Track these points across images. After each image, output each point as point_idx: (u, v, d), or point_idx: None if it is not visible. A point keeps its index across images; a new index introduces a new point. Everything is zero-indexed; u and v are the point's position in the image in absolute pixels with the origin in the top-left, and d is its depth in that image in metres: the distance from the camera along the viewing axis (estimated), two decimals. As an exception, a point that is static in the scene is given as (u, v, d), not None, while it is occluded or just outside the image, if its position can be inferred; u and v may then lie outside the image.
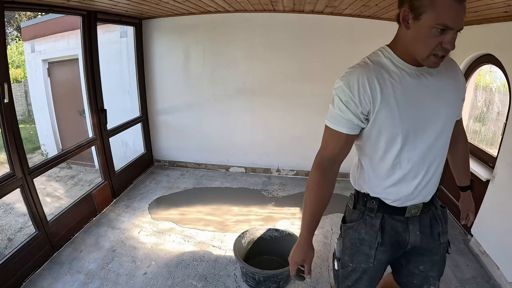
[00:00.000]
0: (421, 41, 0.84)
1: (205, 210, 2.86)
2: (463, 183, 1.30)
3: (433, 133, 0.94)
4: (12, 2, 1.85)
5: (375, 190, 1.02)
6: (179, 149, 3.79)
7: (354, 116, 0.91)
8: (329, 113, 0.96)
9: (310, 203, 1.00)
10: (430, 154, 0.97)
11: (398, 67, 0.92)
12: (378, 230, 1.03)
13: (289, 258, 1.03)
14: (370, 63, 0.93)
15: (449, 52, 0.87)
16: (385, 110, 0.89)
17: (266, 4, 2.74)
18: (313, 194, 1.00)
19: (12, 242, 2.98)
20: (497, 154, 2.21)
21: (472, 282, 2.02)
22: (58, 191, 4.07)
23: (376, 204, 1.03)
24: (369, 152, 1.01)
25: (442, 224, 1.09)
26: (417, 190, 0.99)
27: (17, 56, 8.32)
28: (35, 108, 5.15)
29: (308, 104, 3.36)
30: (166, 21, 3.28)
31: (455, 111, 0.99)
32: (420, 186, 0.99)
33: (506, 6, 1.76)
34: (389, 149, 0.95)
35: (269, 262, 2.12)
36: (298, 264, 1.02)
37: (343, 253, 1.10)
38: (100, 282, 1.97)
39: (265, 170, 3.69)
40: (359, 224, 1.06)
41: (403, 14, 0.85)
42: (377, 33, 3.02)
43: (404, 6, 0.84)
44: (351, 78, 0.90)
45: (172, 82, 3.51)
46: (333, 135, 0.96)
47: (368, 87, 0.88)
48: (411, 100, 0.90)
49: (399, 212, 1.02)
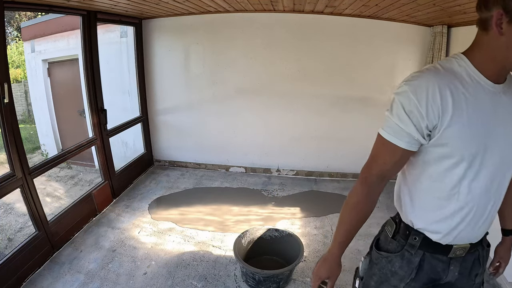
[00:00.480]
0: None
1: (205, 210, 2.86)
2: (508, 225, 1.13)
3: (502, 163, 0.81)
4: (12, 2, 1.85)
5: (420, 222, 0.89)
6: (179, 149, 3.79)
7: (416, 130, 0.77)
8: (387, 121, 0.81)
9: (349, 221, 0.94)
10: (493, 187, 0.82)
11: (473, 79, 0.77)
12: (414, 268, 0.90)
13: (313, 272, 0.98)
14: (442, 70, 0.78)
15: None
16: (455, 127, 0.75)
17: (266, 4, 2.74)
18: (354, 212, 0.93)
19: (12, 242, 2.98)
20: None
21: (472, 282, 2.02)
22: (58, 191, 4.07)
23: (419, 241, 0.89)
24: (422, 175, 0.85)
25: (484, 265, 0.96)
26: (469, 227, 0.85)
27: (17, 56, 8.32)
28: (35, 108, 5.15)
29: (308, 104, 3.36)
30: (166, 21, 3.28)
31: None
32: (472, 222, 0.84)
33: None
34: (448, 175, 0.80)
35: (269, 262, 2.12)
36: (322, 280, 0.97)
37: (368, 275, 1.01)
38: (100, 282, 1.97)
39: (265, 170, 3.69)
40: (395, 256, 0.93)
41: (497, 17, 0.71)
42: (377, 33, 3.03)
43: (496, 8, 0.71)
44: (419, 84, 0.75)
45: (172, 82, 3.51)
46: (387, 147, 0.82)
47: (439, 98, 0.74)
48: (485, 120, 0.76)
49: (442, 251, 0.88)
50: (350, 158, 3.48)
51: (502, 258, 1.13)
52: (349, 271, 2.12)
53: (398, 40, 3.05)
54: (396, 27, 2.98)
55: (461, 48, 0.87)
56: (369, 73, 3.20)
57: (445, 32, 2.71)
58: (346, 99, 3.31)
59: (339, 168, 3.57)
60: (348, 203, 0.93)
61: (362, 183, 0.89)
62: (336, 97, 3.25)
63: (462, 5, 1.94)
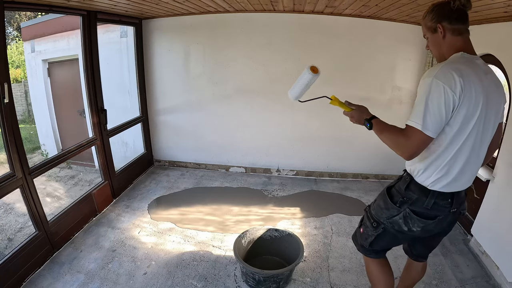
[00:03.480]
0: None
1: (205, 210, 2.86)
2: None
3: (492, 127, 1.17)
4: (12, 2, 1.85)
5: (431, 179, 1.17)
6: (179, 149, 3.79)
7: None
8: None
9: (386, 139, 1.20)
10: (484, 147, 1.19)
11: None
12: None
13: (356, 116, 1.38)
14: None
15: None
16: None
17: (266, 4, 2.74)
18: (392, 143, 1.18)
19: (12, 242, 2.98)
20: (497, 154, 2.21)
21: (472, 282, 2.02)
22: (58, 191, 4.07)
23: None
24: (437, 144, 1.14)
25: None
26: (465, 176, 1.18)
27: (17, 56, 8.33)
28: (35, 108, 5.16)
29: (308, 104, 3.34)
30: (166, 21, 3.28)
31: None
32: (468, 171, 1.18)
33: (506, 6, 1.76)
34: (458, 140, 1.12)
35: (269, 262, 2.12)
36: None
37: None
38: (100, 282, 1.97)
39: (265, 170, 3.69)
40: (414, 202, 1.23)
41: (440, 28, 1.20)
42: (377, 33, 3.03)
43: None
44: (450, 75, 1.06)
45: (172, 82, 3.51)
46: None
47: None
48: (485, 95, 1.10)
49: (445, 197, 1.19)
50: (350, 158, 3.49)
51: None
52: (349, 271, 2.12)
53: (398, 40, 3.05)
54: (396, 27, 2.98)
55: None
56: (369, 73, 3.20)
57: (445, 32, 2.71)
58: (346, 99, 3.30)
59: (339, 168, 3.57)
60: (397, 143, 1.14)
61: (407, 151, 1.13)
62: (336, 97, 3.25)
63: (462, 5, 1.94)
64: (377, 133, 1.23)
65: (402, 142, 1.11)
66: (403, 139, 1.10)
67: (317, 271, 2.10)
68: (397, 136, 1.14)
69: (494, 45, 2.25)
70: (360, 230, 1.45)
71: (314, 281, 2.02)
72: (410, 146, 1.09)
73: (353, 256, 2.26)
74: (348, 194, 3.21)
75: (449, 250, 2.33)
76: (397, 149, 1.13)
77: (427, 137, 1.06)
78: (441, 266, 2.16)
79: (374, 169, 3.55)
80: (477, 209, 2.31)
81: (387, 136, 1.18)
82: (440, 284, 2.00)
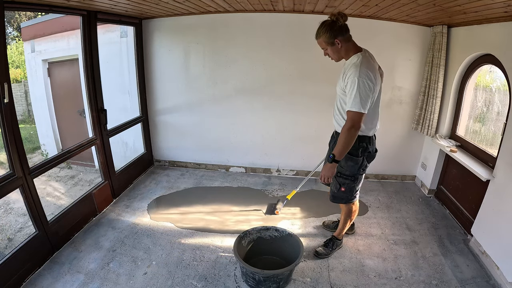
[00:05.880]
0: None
1: (205, 210, 2.86)
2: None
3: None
4: (12, 2, 1.85)
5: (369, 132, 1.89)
6: (179, 149, 3.79)
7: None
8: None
9: (349, 145, 1.73)
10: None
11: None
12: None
13: (323, 175, 1.82)
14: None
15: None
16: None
17: (266, 4, 2.74)
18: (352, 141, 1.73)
19: (12, 242, 2.98)
20: (497, 154, 2.21)
21: (472, 282, 2.02)
22: (58, 191, 4.07)
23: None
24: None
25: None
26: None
27: (17, 56, 8.32)
28: (35, 108, 5.15)
29: (308, 104, 3.36)
30: (166, 21, 3.28)
31: None
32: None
33: (506, 6, 1.76)
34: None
35: (269, 262, 2.12)
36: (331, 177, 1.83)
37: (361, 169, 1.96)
38: (100, 282, 1.97)
39: (265, 170, 3.69)
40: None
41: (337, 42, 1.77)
42: (377, 33, 3.03)
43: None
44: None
45: (172, 82, 3.51)
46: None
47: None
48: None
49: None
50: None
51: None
52: (349, 271, 2.12)
53: (398, 40, 3.04)
54: (396, 27, 2.98)
55: (460, 48, 0.89)
56: (369, 73, 3.19)
57: (445, 32, 2.71)
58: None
59: (339, 168, 3.56)
60: (352, 137, 1.70)
61: (355, 129, 1.69)
62: (335, 97, 3.24)
63: (462, 5, 1.94)
64: (343, 151, 1.74)
65: (352, 131, 1.67)
66: (352, 129, 1.67)
67: (317, 271, 2.10)
68: (348, 134, 1.68)
69: (494, 45, 2.25)
70: (342, 189, 2.00)
71: (314, 281, 2.02)
72: (358, 126, 1.67)
73: (353, 256, 2.26)
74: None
75: (449, 250, 2.33)
76: (354, 135, 1.69)
77: (364, 114, 1.68)
78: (441, 266, 2.16)
79: (374, 169, 3.55)
80: (477, 209, 2.31)
81: (348, 143, 1.70)
82: (440, 284, 2.00)
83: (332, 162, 1.75)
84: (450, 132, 2.97)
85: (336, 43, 1.73)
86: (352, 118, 1.66)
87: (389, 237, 2.48)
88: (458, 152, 2.63)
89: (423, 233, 2.54)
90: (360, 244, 2.40)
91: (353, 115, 1.66)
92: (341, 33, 1.71)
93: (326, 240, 2.32)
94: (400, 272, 2.11)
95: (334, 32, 1.70)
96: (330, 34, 1.70)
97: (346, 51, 1.79)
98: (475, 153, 2.57)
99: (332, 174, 1.80)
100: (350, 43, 1.78)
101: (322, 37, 1.73)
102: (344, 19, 1.69)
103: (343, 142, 1.69)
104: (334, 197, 2.09)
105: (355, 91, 1.63)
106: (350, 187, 1.99)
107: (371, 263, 2.19)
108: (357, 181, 2.00)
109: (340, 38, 1.72)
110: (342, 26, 1.71)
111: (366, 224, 2.66)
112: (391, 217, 2.77)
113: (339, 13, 1.68)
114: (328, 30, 1.70)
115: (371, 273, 2.09)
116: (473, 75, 2.67)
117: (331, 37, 1.71)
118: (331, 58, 1.88)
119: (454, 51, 2.77)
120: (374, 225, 2.64)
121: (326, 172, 1.81)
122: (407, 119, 3.33)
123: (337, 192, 2.03)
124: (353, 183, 1.98)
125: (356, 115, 1.65)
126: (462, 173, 2.67)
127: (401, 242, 2.42)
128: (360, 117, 1.66)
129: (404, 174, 3.55)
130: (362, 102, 1.64)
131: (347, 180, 1.96)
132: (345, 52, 1.79)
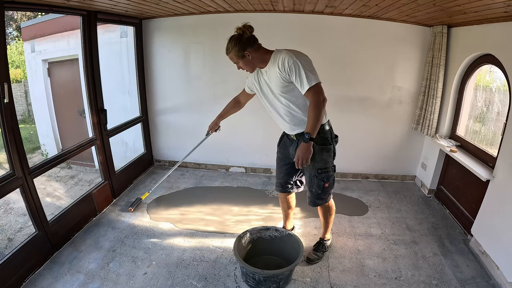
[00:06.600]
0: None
1: (205, 210, 2.86)
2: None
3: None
4: (12, 2, 1.85)
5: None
6: (179, 149, 3.78)
7: None
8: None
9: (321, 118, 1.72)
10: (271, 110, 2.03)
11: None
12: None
13: (302, 156, 1.73)
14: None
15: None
16: None
17: (266, 4, 2.74)
18: (323, 111, 1.73)
19: (12, 242, 2.98)
20: (497, 154, 2.21)
21: (472, 282, 2.02)
22: (58, 191, 4.07)
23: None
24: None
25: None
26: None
27: (17, 56, 8.31)
28: (35, 108, 5.16)
29: (308, 104, 3.35)
30: (166, 21, 3.28)
31: None
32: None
33: (506, 6, 1.76)
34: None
35: (269, 262, 2.12)
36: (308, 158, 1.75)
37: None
38: (100, 282, 1.97)
39: (265, 170, 3.69)
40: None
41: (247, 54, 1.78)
42: (377, 33, 3.03)
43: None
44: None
45: (172, 82, 3.51)
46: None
47: None
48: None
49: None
50: (350, 158, 3.48)
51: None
52: (349, 271, 2.12)
53: (398, 40, 3.04)
54: (396, 27, 2.98)
55: (460, 48, 0.89)
56: (369, 73, 3.20)
57: (445, 32, 2.71)
58: (346, 99, 3.31)
59: (339, 168, 3.50)
60: (322, 110, 1.70)
61: (324, 99, 1.70)
62: (336, 97, 3.24)
63: (462, 5, 1.94)
64: (316, 127, 1.70)
65: (323, 102, 1.68)
66: (323, 100, 1.68)
67: (317, 271, 2.10)
68: (320, 106, 1.67)
69: (494, 45, 2.25)
70: (326, 185, 1.92)
71: (314, 281, 2.02)
72: (324, 95, 1.69)
73: (353, 256, 2.26)
74: (348, 194, 3.21)
75: (449, 250, 2.33)
76: (324, 106, 1.70)
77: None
78: (441, 266, 2.16)
79: (374, 169, 3.56)
80: (477, 209, 2.31)
81: (320, 116, 1.69)
82: (440, 284, 2.00)
83: (309, 141, 1.70)
84: (450, 132, 2.97)
85: (247, 55, 1.75)
86: (317, 91, 1.66)
87: (389, 237, 2.48)
88: (458, 152, 2.63)
89: (423, 233, 2.54)
90: (360, 244, 2.40)
91: (315, 88, 1.66)
92: (249, 44, 1.74)
93: (314, 245, 2.29)
94: (400, 272, 2.11)
95: (242, 45, 1.72)
96: (238, 47, 1.72)
97: (260, 59, 1.79)
98: (475, 153, 2.57)
99: (310, 153, 1.72)
100: (261, 51, 1.79)
101: (232, 51, 1.75)
102: (250, 30, 1.73)
103: (315, 116, 1.67)
104: (318, 198, 2.00)
105: (302, 69, 1.63)
106: (333, 178, 1.96)
107: (371, 263, 2.19)
108: (335, 170, 1.97)
109: (249, 49, 1.74)
110: (250, 38, 1.74)
111: (366, 224, 2.66)
112: (391, 217, 2.77)
113: (244, 26, 1.72)
114: (237, 43, 1.72)
115: (371, 273, 2.09)
116: (473, 75, 2.67)
117: (241, 50, 1.73)
118: (245, 70, 1.88)
119: (454, 51, 2.77)
120: (374, 225, 2.64)
121: (304, 154, 1.72)
122: (407, 119, 3.33)
123: (321, 192, 1.95)
124: (334, 172, 1.95)
125: (318, 87, 1.67)
126: (462, 173, 2.67)
127: (401, 242, 2.42)
128: (322, 88, 1.69)
129: (404, 174, 3.55)
130: (314, 74, 1.67)
131: (329, 173, 1.91)
132: (260, 60, 1.80)
